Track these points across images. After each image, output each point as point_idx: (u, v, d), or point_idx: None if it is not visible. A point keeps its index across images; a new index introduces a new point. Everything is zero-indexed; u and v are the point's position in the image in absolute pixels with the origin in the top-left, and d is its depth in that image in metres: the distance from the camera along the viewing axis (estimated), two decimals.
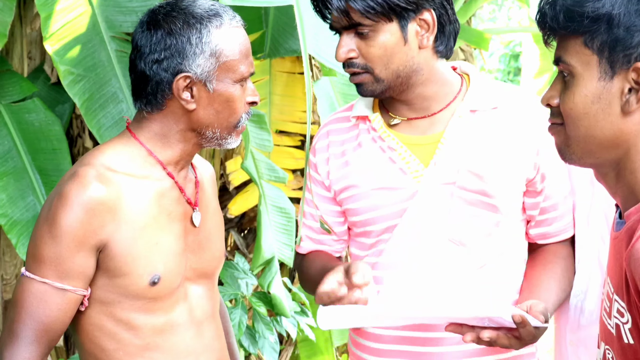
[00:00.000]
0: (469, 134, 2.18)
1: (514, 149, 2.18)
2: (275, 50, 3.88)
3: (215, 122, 2.04)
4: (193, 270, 2.15)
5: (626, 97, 1.57)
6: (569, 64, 1.61)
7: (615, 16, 1.54)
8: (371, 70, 2.14)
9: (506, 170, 2.17)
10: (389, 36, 2.11)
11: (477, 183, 2.15)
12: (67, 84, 3.07)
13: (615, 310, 1.62)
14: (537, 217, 2.26)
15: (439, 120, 2.21)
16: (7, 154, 3.33)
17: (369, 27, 2.10)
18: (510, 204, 2.19)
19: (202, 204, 2.18)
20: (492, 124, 2.19)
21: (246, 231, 4.77)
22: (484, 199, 2.16)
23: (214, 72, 2.01)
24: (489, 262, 2.19)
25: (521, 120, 2.20)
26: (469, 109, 2.20)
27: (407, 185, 2.18)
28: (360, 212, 2.24)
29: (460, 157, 2.17)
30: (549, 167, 2.21)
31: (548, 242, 2.31)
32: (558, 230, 2.29)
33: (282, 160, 4.34)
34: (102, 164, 2.01)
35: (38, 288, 1.96)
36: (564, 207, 2.27)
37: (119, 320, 2.04)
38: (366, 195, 2.22)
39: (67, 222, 1.94)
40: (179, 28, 2.00)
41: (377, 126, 2.24)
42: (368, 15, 2.08)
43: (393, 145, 2.21)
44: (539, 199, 2.24)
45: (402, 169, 2.19)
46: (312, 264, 2.36)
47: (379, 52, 2.12)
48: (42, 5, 3.06)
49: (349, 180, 2.25)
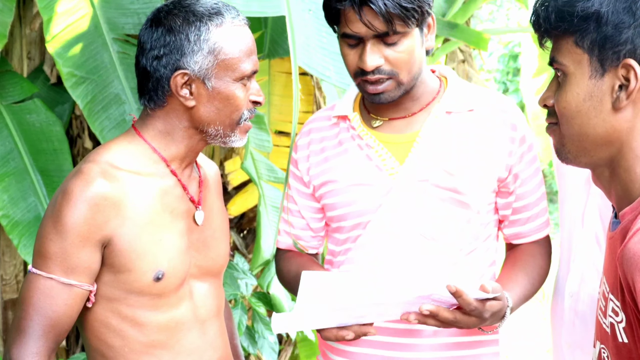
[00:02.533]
0: (444, 134, 2.25)
1: (486, 149, 2.24)
2: (274, 50, 3.89)
3: (217, 119, 2.06)
4: (198, 268, 2.17)
5: (617, 94, 1.59)
6: (561, 64, 1.65)
7: (603, 14, 1.57)
8: (396, 76, 2.18)
9: (477, 169, 2.23)
10: (413, 41, 2.17)
11: (449, 180, 2.22)
12: (70, 86, 3.08)
13: (610, 310, 1.63)
14: (510, 217, 2.33)
15: (417, 120, 2.28)
16: (8, 155, 3.33)
17: (401, 33, 2.14)
18: (480, 201, 2.25)
19: (206, 203, 2.20)
20: (467, 125, 2.26)
21: (245, 231, 4.78)
22: (456, 196, 2.22)
23: (213, 70, 2.03)
24: (458, 259, 2.24)
25: (495, 123, 2.26)
26: (445, 110, 2.27)
27: (382, 181, 2.24)
28: (337, 206, 2.30)
29: (434, 155, 2.23)
30: (522, 169, 2.28)
31: (522, 242, 2.37)
32: (530, 230, 2.35)
33: (281, 160, 4.34)
34: (106, 161, 2.03)
35: (44, 284, 1.98)
36: (537, 208, 2.34)
37: (125, 317, 2.07)
38: (343, 191, 2.29)
39: (72, 218, 1.96)
40: (179, 25, 2.03)
41: (356, 125, 2.31)
42: (409, 21, 2.12)
43: (370, 143, 2.27)
44: (511, 199, 2.30)
45: (378, 165, 2.26)
46: (290, 265, 2.44)
47: (406, 57, 2.17)
48: (44, 7, 3.06)
49: (327, 176, 2.32)
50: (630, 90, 1.58)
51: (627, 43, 1.57)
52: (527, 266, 2.32)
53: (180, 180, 2.12)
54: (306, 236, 2.45)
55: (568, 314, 2.29)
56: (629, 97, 1.59)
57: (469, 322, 2.02)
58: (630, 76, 1.58)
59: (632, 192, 1.63)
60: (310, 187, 2.37)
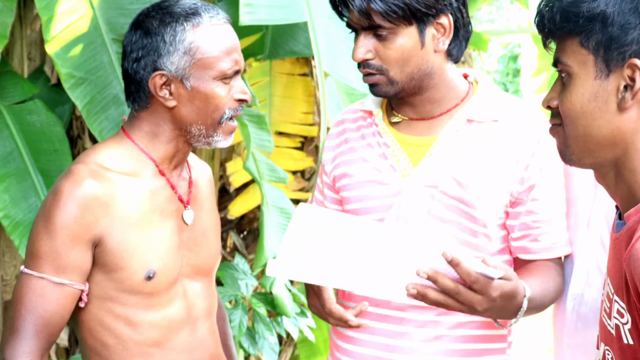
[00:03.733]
0: (461, 142, 2.21)
1: (503, 162, 2.18)
2: (275, 51, 3.88)
3: (199, 118, 2.08)
4: (190, 267, 2.19)
5: (622, 94, 1.59)
6: (566, 65, 1.64)
7: (609, 15, 1.57)
8: (386, 72, 2.16)
9: (490, 183, 2.18)
10: (407, 39, 2.13)
11: (458, 190, 2.18)
12: (69, 87, 3.08)
13: (615, 311, 1.63)
14: (516, 228, 2.23)
15: (437, 124, 2.24)
16: (9, 156, 3.33)
17: (388, 29, 2.12)
18: (489, 216, 2.19)
19: (196, 203, 2.22)
20: (487, 135, 2.21)
21: (245, 232, 4.78)
22: (463, 207, 2.18)
23: (190, 70, 2.04)
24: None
25: (518, 136, 2.20)
26: (467, 118, 2.22)
27: (394, 181, 2.23)
28: (351, 201, 2.30)
29: (447, 163, 2.19)
30: (538, 183, 2.19)
31: (531, 259, 2.25)
32: (541, 248, 2.24)
33: (282, 161, 4.34)
34: (95, 162, 2.06)
35: (36, 283, 2.00)
36: (548, 227, 2.23)
37: (118, 316, 2.08)
38: (358, 186, 2.28)
39: (62, 218, 1.98)
40: (155, 27, 2.05)
41: (379, 122, 2.30)
42: (389, 18, 2.10)
43: (388, 142, 2.26)
44: (521, 209, 2.21)
45: (392, 165, 2.24)
46: None
47: (396, 54, 2.14)
48: (43, 8, 3.06)
49: (345, 169, 2.32)
50: (635, 90, 1.58)
51: (632, 43, 1.56)
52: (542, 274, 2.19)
53: (168, 180, 2.14)
54: None
55: (570, 315, 2.28)
56: (634, 97, 1.58)
57: (473, 299, 1.86)
58: (636, 76, 1.57)
59: (637, 194, 1.62)
60: (331, 177, 2.38)
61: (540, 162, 2.19)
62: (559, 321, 2.35)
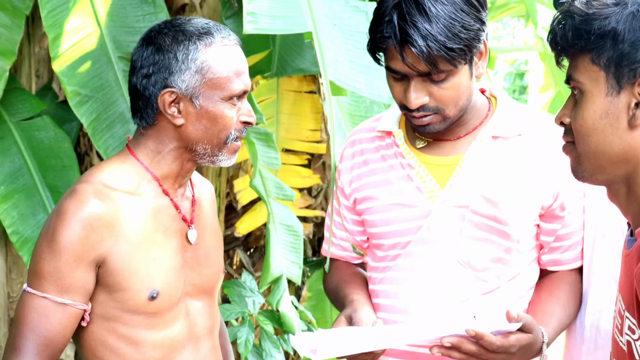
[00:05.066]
0: (488, 160, 2.19)
1: (532, 177, 2.18)
2: (283, 69, 3.89)
3: (205, 138, 2.08)
4: (193, 286, 2.18)
5: (633, 112, 1.59)
6: (578, 81, 1.64)
7: (620, 32, 1.57)
8: (442, 111, 2.12)
9: (521, 199, 2.17)
10: (462, 77, 2.09)
11: (490, 209, 2.16)
12: (75, 105, 3.09)
13: (626, 327, 1.62)
14: (551, 243, 2.25)
15: (462, 144, 2.22)
16: (17, 172, 3.34)
17: (448, 72, 2.06)
18: (522, 232, 2.19)
19: (199, 222, 2.21)
20: (514, 151, 2.19)
21: (252, 249, 4.77)
22: (496, 225, 2.17)
23: (200, 89, 2.04)
24: (499, 285, 2.19)
25: (544, 149, 2.19)
26: (492, 135, 2.20)
27: (422, 204, 2.19)
28: (377, 224, 2.27)
29: (476, 181, 2.17)
30: (570, 196, 2.20)
31: (558, 270, 2.29)
32: (570, 258, 2.28)
33: (289, 178, 4.34)
34: (99, 181, 2.05)
35: (39, 303, 1.99)
36: (577, 236, 2.26)
37: (121, 336, 2.07)
38: (383, 209, 2.25)
39: (66, 238, 1.97)
40: (168, 44, 2.05)
41: (400, 142, 2.26)
42: (454, 62, 2.04)
43: (412, 164, 2.22)
44: (557, 225, 2.22)
45: (418, 187, 2.21)
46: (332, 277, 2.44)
47: (452, 93, 2.10)
48: (50, 26, 3.08)
49: (368, 192, 2.28)
50: None
51: None
52: (564, 296, 2.24)
53: (172, 199, 2.13)
54: (349, 247, 2.43)
55: (589, 331, 2.26)
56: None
57: (495, 358, 1.97)
58: None
59: None
60: (351, 200, 2.34)
61: (568, 173, 2.17)
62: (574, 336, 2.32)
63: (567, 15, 1.64)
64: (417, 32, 2.00)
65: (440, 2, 2.02)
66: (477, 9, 2.07)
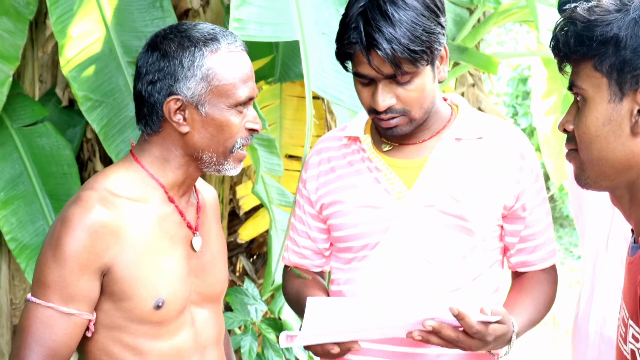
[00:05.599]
0: (452, 161, 2.26)
1: (494, 177, 2.25)
2: (286, 74, 3.89)
3: (211, 145, 2.06)
4: (198, 294, 2.16)
5: (635, 118, 1.58)
6: (581, 88, 1.64)
7: (622, 38, 1.57)
8: (408, 113, 2.19)
9: (484, 197, 2.24)
10: (425, 78, 2.17)
11: (456, 207, 2.22)
12: (86, 110, 3.10)
13: (630, 336, 1.61)
14: (517, 245, 2.33)
15: (426, 147, 2.29)
16: (17, 178, 3.34)
17: (411, 73, 2.13)
18: (486, 228, 2.25)
19: (203, 229, 2.20)
20: (475, 152, 2.27)
21: (255, 256, 4.76)
22: (461, 223, 2.23)
23: (206, 96, 2.03)
24: (463, 285, 2.25)
25: (504, 151, 2.27)
26: (455, 137, 2.27)
27: (390, 205, 2.25)
28: (344, 227, 2.31)
29: (442, 181, 2.24)
30: (530, 198, 2.28)
31: (528, 270, 2.37)
32: (537, 259, 2.35)
33: (293, 185, 4.31)
34: (104, 188, 2.03)
35: (43, 313, 1.97)
36: (544, 237, 2.34)
37: (126, 345, 2.05)
38: (350, 212, 2.29)
39: (71, 246, 1.95)
40: (173, 51, 2.03)
41: (367, 147, 2.31)
42: (417, 63, 2.11)
43: (379, 166, 2.28)
44: (520, 226, 2.30)
45: (386, 189, 2.26)
46: (292, 283, 2.47)
47: (417, 95, 2.17)
48: (59, 32, 3.08)
49: (335, 196, 2.33)
50: None
51: None
52: (534, 292, 2.32)
53: (177, 207, 2.11)
54: (310, 254, 2.45)
55: (594, 338, 2.27)
56: None
57: (471, 344, 2.03)
58: None
59: None
60: (317, 207, 2.38)
61: (529, 175, 2.27)
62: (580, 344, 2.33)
63: (569, 21, 1.63)
64: (382, 36, 2.08)
65: (402, 8, 2.09)
66: (437, 14, 2.15)
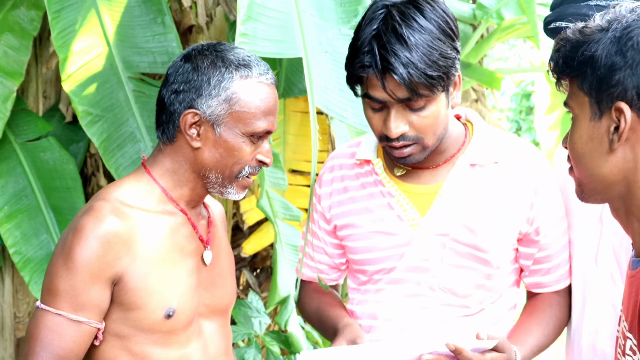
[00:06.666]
0: (467, 188, 2.21)
1: (509, 203, 2.21)
2: (289, 90, 3.90)
3: (218, 166, 2.07)
4: (206, 307, 2.17)
5: (612, 136, 1.59)
6: (571, 107, 1.68)
7: (598, 58, 1.59)
8: (421, 141, 2.12)
9: (499, 226, 2.20)
10: (439, 105, 2.10)
11: (470, 237, 2.19)
12: (86, 124, 3.10)
13: (628, 348, 1.62)
14: (530, 266, 2.29)
15: (440, 172, 2.24)
16: (21, 192, 3.35)
17: (427, 99, 2.07)
18: (502, 258, 2.22)
19: (213, 243, 2.21)
20: (490, 178, 2.22)
21: (258, 270, 4.76)
22: (476, 253, 2.19)
23: (224, 117, 2.04)
24: (480, 310, 2.23)
25: (518, 175, 2.23)
26: (469, 163, 2.22)
27: (403, 232, 2.22)
28: (358, 251, 2.29)
29: (456, 210, 2.20)
30: (544, 220, 2.24)
31: (543, 292, 2.34)
32: (552, 280, 2.32)
33: (296, 199, 4.33)
34: (116, 198, 2.04)
35: (53, 320, 1.97)
36: (558, 259, 2.30)
37: (135, 355, 2.05)
38: (364, 237, 2.27)
39: (83, 255, 1.96)
40: (205, 67, 2.05)
41: (379, 171, 2.27)
42: (434, 89, 2.05)
43: (392, 192, 2.24)
44: (534, 250, 2.27)
45: (399, 215, 2.23)
46: (311, 301, 2.45)
47: (431, 121, 2.10)
48: (60, 46, 3.09)
49: (348, 219, 2.30)
50: (620, 131, 1.58)
51: (618, 85, 1.57)
52: (544, 316, 2.30)
53: (190, 219, 2.13)
54: (327, 269, 2.44)
55: (587, 351, 2.27)
56: (620, 139, 1.59)
57: None
58: (621, 118, 1.58)
59: None
60: (331, 225, 2.36)
61: (543, 197, 2.23)
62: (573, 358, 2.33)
63: (562, 42, 1.66)
64: (397, 60, 2.02)
65: (418, 32, 2.03)
66: (452, 38, 2.10)
